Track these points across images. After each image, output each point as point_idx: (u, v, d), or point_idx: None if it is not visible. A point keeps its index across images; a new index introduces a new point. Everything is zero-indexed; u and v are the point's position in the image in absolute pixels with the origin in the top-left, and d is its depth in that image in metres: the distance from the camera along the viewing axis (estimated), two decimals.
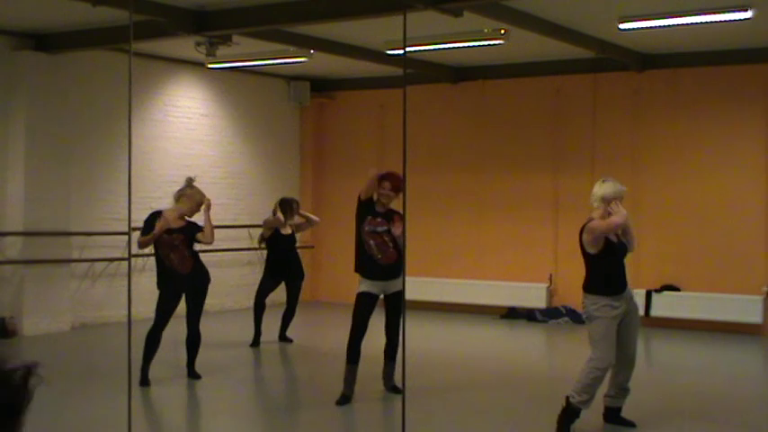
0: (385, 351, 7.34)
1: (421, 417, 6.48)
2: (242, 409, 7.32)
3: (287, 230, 9.89)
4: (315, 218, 10.25)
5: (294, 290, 10.00)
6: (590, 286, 6.05)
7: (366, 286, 7.06)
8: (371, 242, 7.04)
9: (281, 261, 9.87)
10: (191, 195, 7.74)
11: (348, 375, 7.06)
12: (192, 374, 7.96)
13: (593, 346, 6.02)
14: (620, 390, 6.23)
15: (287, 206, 9.88)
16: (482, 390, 7.80)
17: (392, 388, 7.30)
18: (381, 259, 7.04)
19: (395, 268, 7.04)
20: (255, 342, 9.81)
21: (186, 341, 7.93)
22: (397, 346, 7.06)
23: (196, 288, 7.79)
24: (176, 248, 7.61)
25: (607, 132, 11.85)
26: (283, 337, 10.07)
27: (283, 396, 8.05)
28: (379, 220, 7.08)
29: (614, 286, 6.01)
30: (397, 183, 7.08)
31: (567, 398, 6.06)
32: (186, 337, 7.91)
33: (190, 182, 7.84)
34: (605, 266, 6.01)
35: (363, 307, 7.04)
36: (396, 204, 7.07)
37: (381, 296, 7.16)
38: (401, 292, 6.92)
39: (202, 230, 7.73)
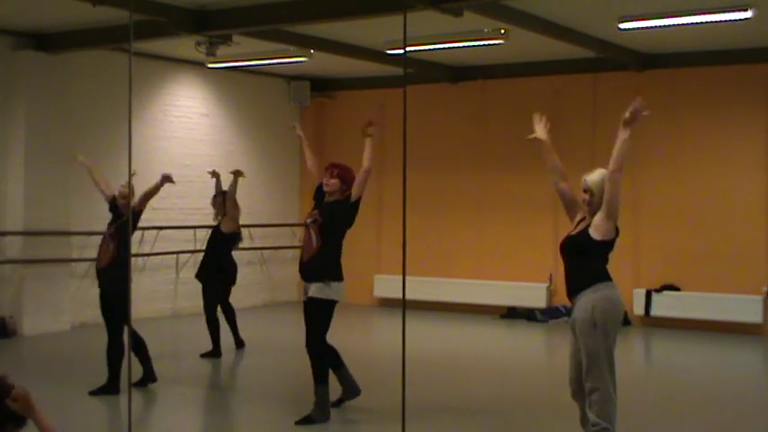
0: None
1: (420, 416, 6.48)
2: (238, 409, 7.32)
3: (225, 227, 9.12)
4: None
5: (222, 294, 9.13)
6: None
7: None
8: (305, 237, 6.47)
9: (207, 261, 9.17)
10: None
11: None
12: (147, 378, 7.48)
13: None
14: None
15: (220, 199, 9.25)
16: (481, 389, 7.80)
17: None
18: (303, 256, 6.40)
19: (309, 269, 6.29)
20: (211, 353, 9.00)
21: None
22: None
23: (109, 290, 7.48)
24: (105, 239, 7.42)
25: (607, 132, 11.70)
26: (238, 344, 9.38)
27: (269, 400, 8.06)
28: (314, 211, 6.46)
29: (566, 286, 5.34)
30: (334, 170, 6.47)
31: None
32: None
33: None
34: None
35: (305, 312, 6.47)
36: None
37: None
38: (314, 300, 6.29)
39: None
